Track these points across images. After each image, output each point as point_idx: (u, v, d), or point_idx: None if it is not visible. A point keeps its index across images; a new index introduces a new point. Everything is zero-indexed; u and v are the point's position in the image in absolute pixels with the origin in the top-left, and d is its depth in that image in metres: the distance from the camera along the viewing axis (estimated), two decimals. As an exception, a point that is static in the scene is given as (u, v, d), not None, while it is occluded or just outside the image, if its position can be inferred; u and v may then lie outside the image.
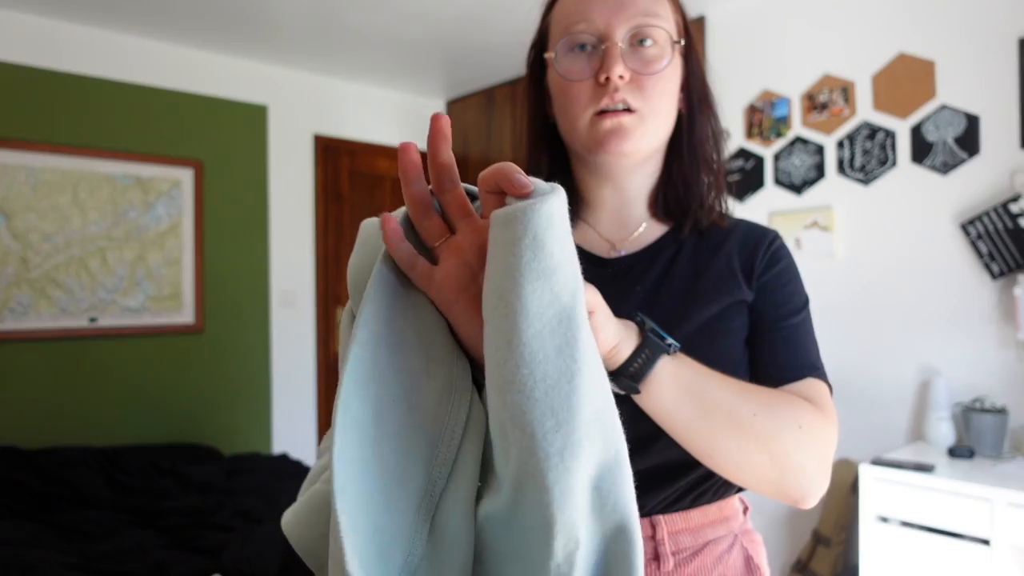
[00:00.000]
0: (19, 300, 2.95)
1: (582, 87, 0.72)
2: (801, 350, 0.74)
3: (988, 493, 1.85)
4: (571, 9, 0.73)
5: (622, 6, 0.71)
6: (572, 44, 0.73)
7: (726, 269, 0.77)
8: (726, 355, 0.73)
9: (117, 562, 2.03)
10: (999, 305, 2.24)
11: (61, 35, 3.07)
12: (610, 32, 0.71)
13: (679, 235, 0.80)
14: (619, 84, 0.71)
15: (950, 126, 2.35)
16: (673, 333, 0.69)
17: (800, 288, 0.78)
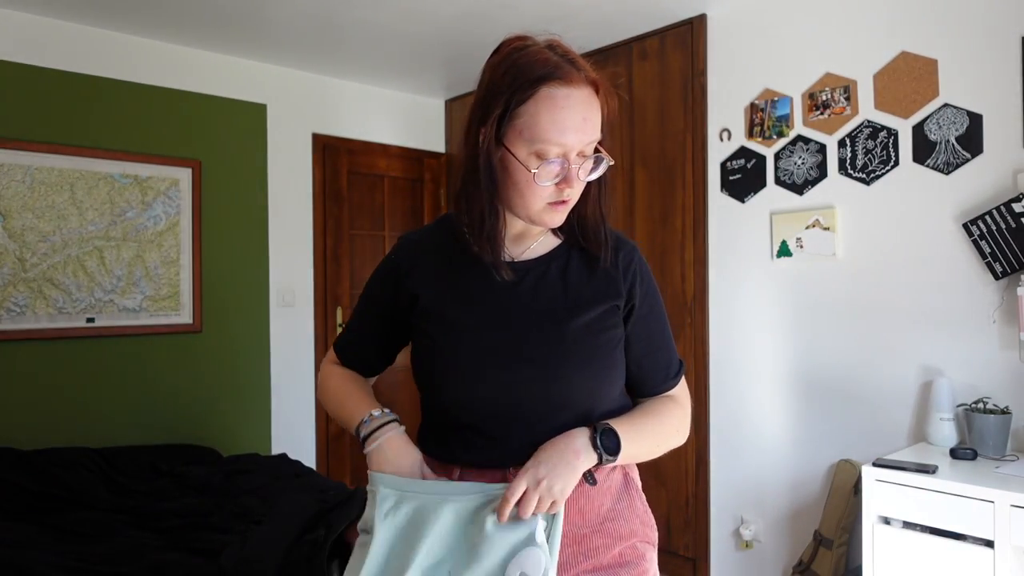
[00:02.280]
0: (16, 300, 2.94)
1: (547, 189, 0.94)
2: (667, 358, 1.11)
3: (991, 494, 1.84)
4: (548, 129, 0.91)
5: (584, 132, 0.93)
6: (544, 156, 0.92)
7: (605, 277, 1.04)
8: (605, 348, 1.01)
9: (115, 564, 2.02)
10: (1002, 305, 2.23)
11: (59, 34, 3.06)
12: (571, 153, 0.93)
13: (568, 247, 1.06)
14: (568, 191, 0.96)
15: (952, 125, 2.34)
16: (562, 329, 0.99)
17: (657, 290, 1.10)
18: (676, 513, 3.13)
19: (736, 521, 2.92)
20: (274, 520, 2.16)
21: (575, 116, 0.91)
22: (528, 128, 0.91)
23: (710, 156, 3.03)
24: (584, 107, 0.92)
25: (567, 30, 3.63)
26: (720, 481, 2.98)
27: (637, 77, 3.31)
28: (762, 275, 2.84)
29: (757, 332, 2.86)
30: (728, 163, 2.96)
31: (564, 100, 0.91)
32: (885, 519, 2.08)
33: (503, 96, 0.92)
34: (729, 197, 2.96)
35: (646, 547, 1.07)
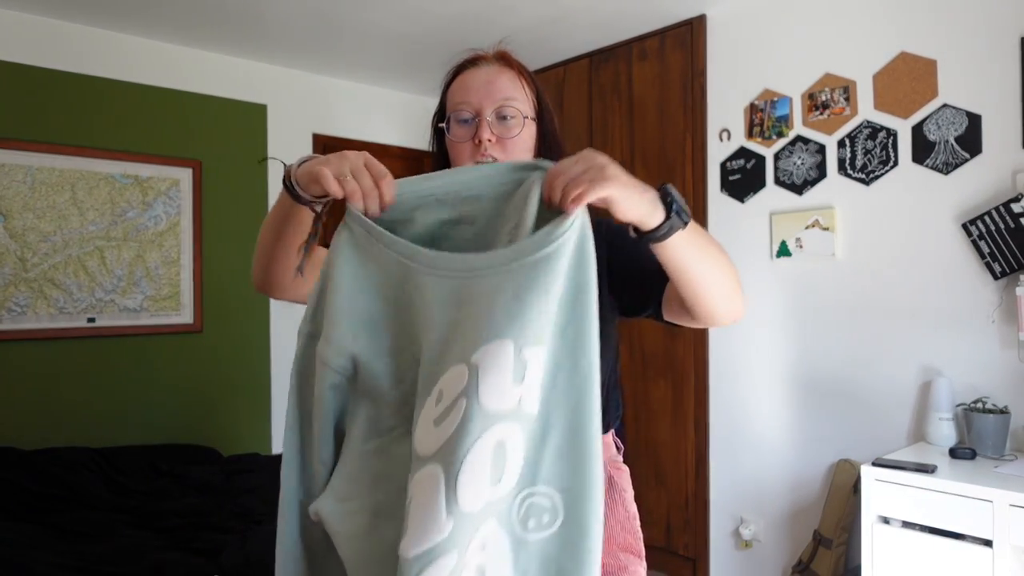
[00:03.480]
0: (17, 300, 2.94)
1: (465, 146, 1.03)
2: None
3: (990, 494, 1.85)
4: (457, 95, 1.05)
5: (490, 92, 1.03)
6: (458, 118, 1.04)
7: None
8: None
9: (115, 563, 2.02)
10: (1001, 305, 2.23)
11: (59, 34, 3.06)
12: (481, 110, 1.02)
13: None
14: (487, 144, 1.01)
15: (951, 125, 2.34)
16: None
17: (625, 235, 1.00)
18: (676, 513, 3.13)
19: (736, 521, 2.93)
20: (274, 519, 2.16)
21: (478, 79, 1.04)
22: (449, 104, 1.07)
23: (710, 156, 3.03)
24: (488, 73, 1.05)
25: (567, 30, 3.65)
26: (720, 481, 2.99)
27: (637, 77, 3.31)
28: (762, 275, 2.84)
29: (757, 332, 2.87)
30: (728, 163, 2.96)
31: (471, 74, 1.06)
32: (884, 519, 2.08)
33: (441, 91, 1.10)
34: (729, 197, 2.96)
35: (629, 558, 1.03)
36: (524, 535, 0.68)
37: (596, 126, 3.47)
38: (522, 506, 0.68)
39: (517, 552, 0.67)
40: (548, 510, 0.68)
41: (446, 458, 0.65)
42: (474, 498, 0.65)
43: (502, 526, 0.67)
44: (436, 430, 0.67)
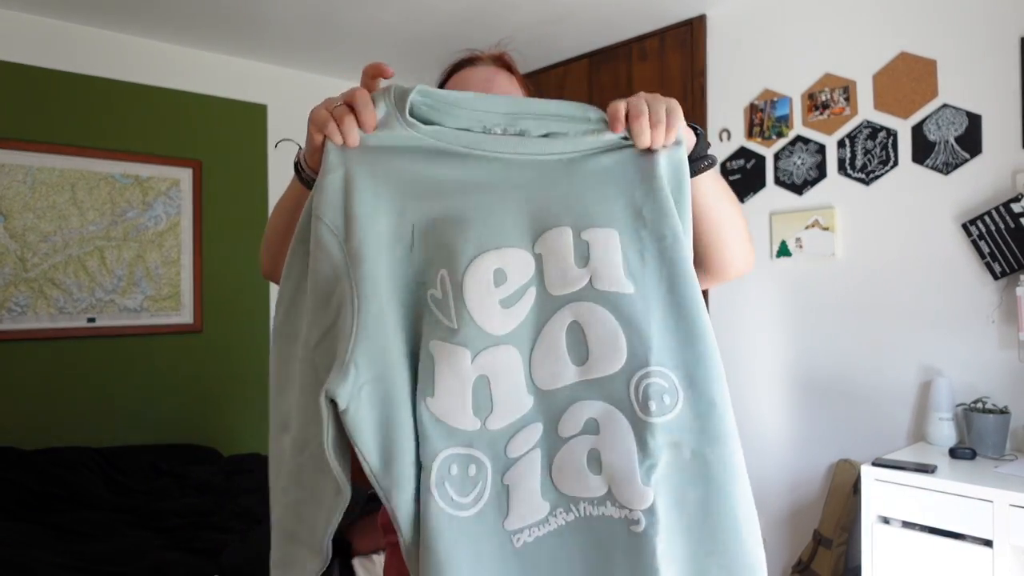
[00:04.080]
0: (17, 300, 2.94)
1: None
2: None
3: (990, 494, 1.85)
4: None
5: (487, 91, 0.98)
6: None
7: None
8: None
9: (115, 563, 2.02)
10: (1001, 305, 2.23)
11: (59, 34, 3.06)
12: None
13: None
14: None
15: (951, 125, 2.34)
16: None
17: None
18: (676, 513, 3.13)
19: (736, 521, 2.93)
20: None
21: (476, 77, 1.02)
22: None
23: (710, 156, 3.03)
24: (486, 72, 1.03)
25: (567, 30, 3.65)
26: (720, 481, 2.98)
27: (637, 77, 3.31)
28: (761, 275, 2.84)
29: (756, 332, 2.87)
30: (728, 163, 2.96)
31: (469, 72, 1.04)
32: (884, 519, 2.08)
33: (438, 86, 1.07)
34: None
35: None
36: (647, 419, 0.66)
37: (596, 126, 3.47)
38: (639, 389, 0.67)
39: (641, 437, 0.66)
40: (668, 391, 0.67)
41: (520, 340, 0.68)
42: (551, 377, 0.68)
43: (620, 410, 0.67)
44: (506, 311, 0.68)
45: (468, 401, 0.67)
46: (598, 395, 0.68)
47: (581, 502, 0.67)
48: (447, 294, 0.68)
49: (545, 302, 0.69)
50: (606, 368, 0.68)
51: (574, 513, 0.67)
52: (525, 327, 0.69)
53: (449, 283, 0.68)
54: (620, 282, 0.68)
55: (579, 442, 0.67)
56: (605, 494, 0.67)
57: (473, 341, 0.68)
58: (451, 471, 0.67)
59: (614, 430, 0.67)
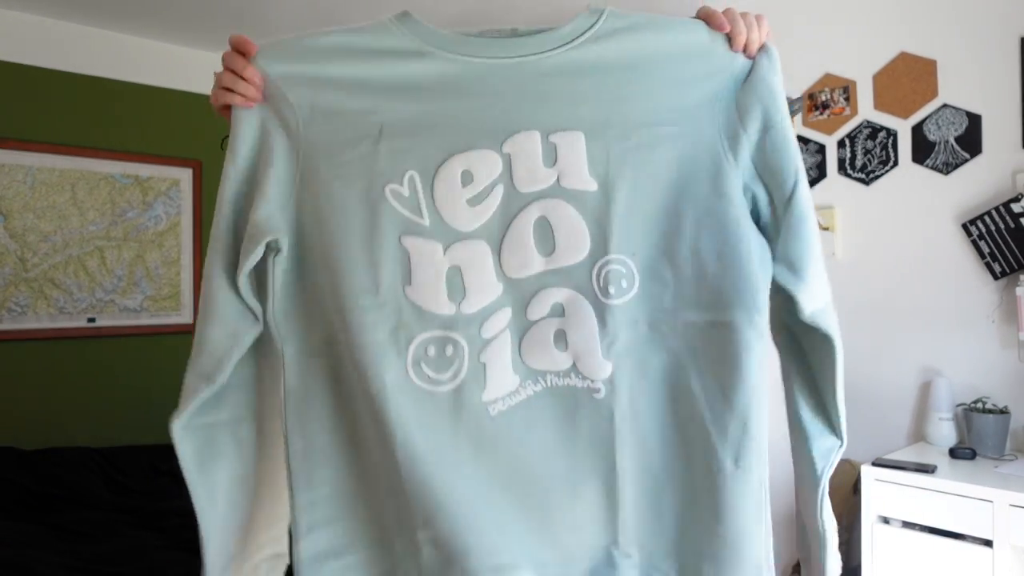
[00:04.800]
0: (17, 300, 2.94)
1: None
2: None
3: (990, 494, 1.85)
4: None
5: None
6: None
7: None
8: None
9: (115, 563, 2.02)
10: (1001, 305, 2.23)
11: (59, 34, 3.06)
12: None
13: None
14: None
15: (951, 125, 2.34)
16: None
17: None
18: (676, 513, 3.13)
19: (736, 521, 2.93)
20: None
21: None
22: None
23: (710, 156, 3.03)
24: None
25: (567, 30, 3.61)
26: (720, 481, 2.98)
27: (637, 77, 3.31)
28: (762, 275, 2.84)
29: (757, 332, 2.86)
30: (728, 163, 2.97)
31: None
32: (884, 519, 2.08)
33: None
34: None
35: None
36: (607, 302, 0.74)
37: (596, 126, 3.47)
38: (600, 276, 0.74)
39: (603, 318, 0.74)
40: (625, 276, 0.75)
41: (489, 233, 0.75)
42: (520, 266, 0.75)
43: (583, 295, 0.75)
44: (473, 209, 0.75)
45: (443, 288, 0.74)
46: (563, 282, 0.75)
47: (548, 375, 0.75)
48: (415, 192, 0.75)
49: (513, 199, 0.75)
50: (571, 258, 0.75)
51: (541, 384, 0.75)
52: (493, 222, 0.75)
53: (419, 183, 0.75)
54: (585, 180, 0.74)
55: (546, 323, 0.75)
56: (570, 367, 0.75)
57: (444, 236, 0.75)
58: (428, 352, 0.74)
59: (578, 312, 0.74)
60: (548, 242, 0.75)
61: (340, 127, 0.77)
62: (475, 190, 0.75)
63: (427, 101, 0.77)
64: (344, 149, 0.77)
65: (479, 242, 0.75)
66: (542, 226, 0.75)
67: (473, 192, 0.75)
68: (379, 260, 0.75)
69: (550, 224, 0.75)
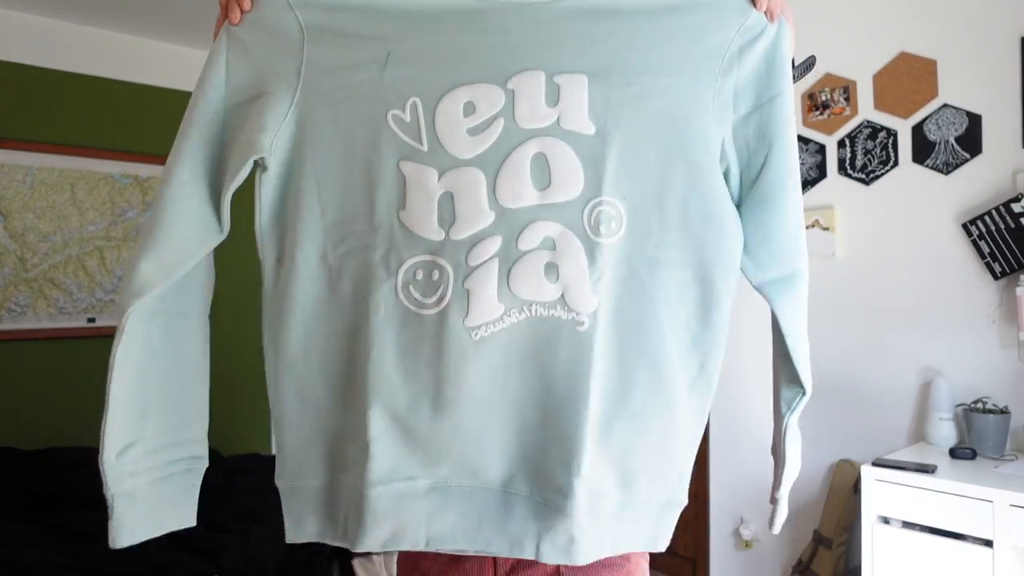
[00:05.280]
0: (16, 300, 2.94)
1: None
2: None
3: (990, 494, 1.85)
4: None
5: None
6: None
7: None
8: None
9: (115, 563, 2.02)
10: (1001, 305, 2.23)
11: (59, 34, 3.06)
12: None
13: None
14: None
15: (952, 125, 2.34)
16: None
17: None
18: (676, 513, 3.14)
19: (736, 521, 2.93)
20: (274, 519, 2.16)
21: None
22: None
23: (710, 156, 3.03)
24: None
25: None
26: (720, 481, 2.99)
27: (637, 77, 3.31)
28: (762, 275, 2.84)
29: (757, 331, 2.86)
30: (728, 163, 2.97)
31: None
32: (884, 519, 2.08)
33: None
34: (729, 197, 2.96)
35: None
36: (597, 240, 0.77)
37: (596, 126, 3.47)
38: (591, 215, 0.77)
39: (592, 254, 0.76)
40: (614, 218, 0.77)
41: (485, 163, 0.76)
42: (514, 197, 0.76)
43: (573, 232, 0.77)
44: (472, 139, 0.76)
45: (433, 213, 0.76)
46: (555, 217, 0.77)
47: (533, 305, 0.77)
48: (417, 119, 0.77)
49: (513, 132, 0.77)
50: (564, 195, 0.77)
51: (525, 313, 0.77)
52: (491, 152, 0.77)
53: (421, 110, 0.77)
54: (584, 124, 0.77)
55: (537, 255, 0.76)
56: (558, 299, 0.77)
57: (440, 162, 0.76)
58: (416, 276, 0.77)
59: (569, 247, 0.77)
60: (544, 177, 0.77)
61: (348, 50, 0.78)
62: (476, 121, 0.76)
63: (438, 33, 0.79)
64: (349, 72, 0.78)
65: (474, 170, 0.76)
66: (539, 161, 0.77)
67: (474, 123, 0.76)
68: (376, 183, 0.77)
69: (547, 160, 0.77)
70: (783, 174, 0.84)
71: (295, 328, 0.83)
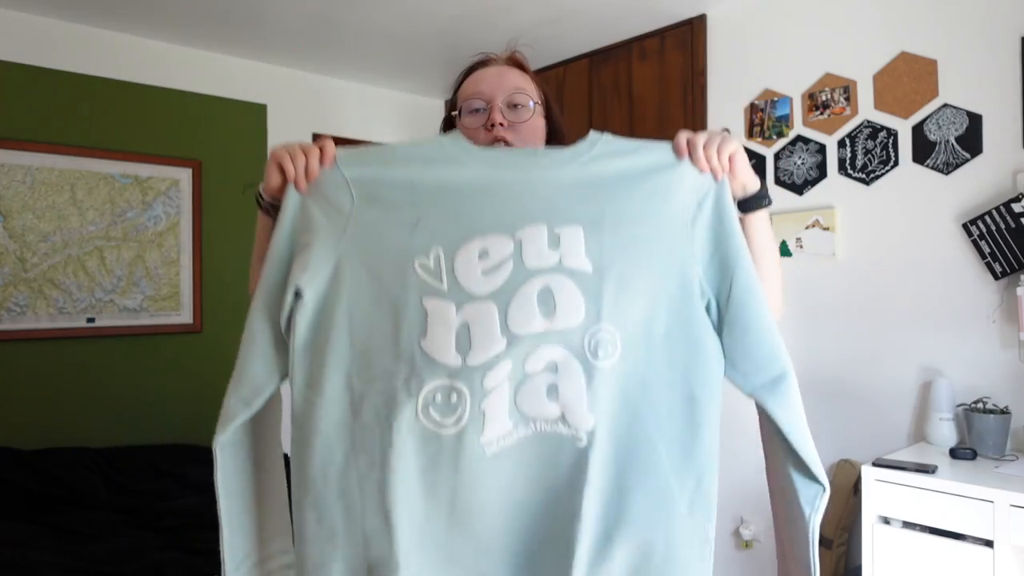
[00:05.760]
0: (16, 300, 2.94)
1: (477, 132, 1.08)
2: None
3: (991, 494, 1.84)
4: (469, 89, 1.12)
5: (501, 84, 1.10)
6: (469, 108, 1.10)
7: None
8: None
9: (115, 564, 2.02)
10: (1001, 305, 2.23)
11: (59, 34, 3.06)
12: (493, 98, 1.09)
13: None
14: (499, 129, 1.07)
15: (952, 125, 2.34)
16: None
17: None
18: (676, 513, 3.13)
19: (736, 521, 2.93)
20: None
21: (489, 73, 1.12)
22: (461, 96, 1.13)
23: (710, 156, 3.03)
24: (499, 69, 1.13)
25: (567, 31, 3.65)
26: (720, 481, 2.97)
27: (637, 77, 3.31)
28: (762, 275, 2.84)
29: (757, 332, 2.86)
30: (728, 163, 2.96)
31: (481, 72, 1.13)
32: (885, 519, 2.08)
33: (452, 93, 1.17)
34: (729, 197, 2.96)
35: None
36: (595, 363, 0.87)
37: (596, 126, 3.47)
38: (591, 340, 0.87)
39: (590, 376, 0.87)
40: (611, 343, 0.87)
41: (499, 297, 0.88)
42: (524, 324, 0.87)
43: (575, 355, 0.87)
44: (486, 278, 0.88)
45: (452, 342, 0.86)
46: (559, 343, 0.87)
47: (538, 421, 0.86)
48: (439, 264, 0.89)
49: (521, 272, 0.88)
50: (568, 323, 0.87)
51: (532, 428, 0.87)
52: (503, 289, 0.88)
53: (443, 256, 0.89)
54: (583, 262, 0.89)
55: (542, 377, 0.87)
56: (559, 416, 0.86)
57: (459, 298, 0.88)
58: (436, 398, 0.86)
59: (570, 370, 0.87)
60: (550, 306, 0.87)
61: (387, 214, 0.92)
62: (489, 264, 0.89)
63: (460, 201, 0.93)
64: (385, 230, 0.92)
65: (489, 303, 0.88)
66: (545, 294, 0.88)
67: (488, 266, 0.89)
68: (401, 317, 0.88)
69: (552, 293, 0.88)
70: (747, 296, 0.93)
71: (317, 449, 0.90)
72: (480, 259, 0.89)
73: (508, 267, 0.89)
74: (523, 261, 0.89)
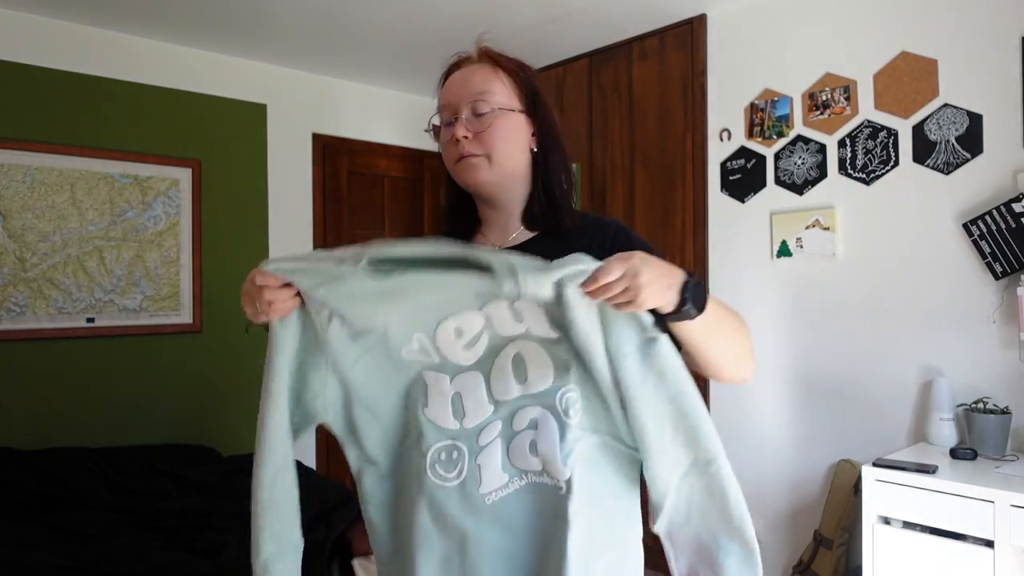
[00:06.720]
0: (16, 300, 2.94)
1: (449, 146, 1.10)
2: None
3: (991, 494, 1.84)
4: (440, 99, 1.13)
5: (464, 91, 1.09)
6: (441, 122, 1.12)
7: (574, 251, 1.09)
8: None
9: (115, 564, 2.02)
10: (1002, 305, 2.23)
11: (59, 34, 3.06)
12: (458, 110, 1.08)
13: (544, 238, 1.14)
14: (464, 143, 1.07)
15: (952, 125, 2.34)
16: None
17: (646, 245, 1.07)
18: (676, 513, 3.13)
19: (736, 521, 2.92)
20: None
21: (455, 81, 1.11)
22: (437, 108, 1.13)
23: (710, 156, 3.03)
24: (464, 73, 1.10)
25: (567, 30, 3.64)
26: (720, 481, 2.98)
27: (637, 77, 3.31)
28: (762, 275, 2.84)
29: (757, 332, 2.86)
30: (728, 163, 2.96)
31: (453, 76, 1.12)
32: (885, 519, 2.08)
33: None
34: (729, 197, 2.96)
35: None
36: (567, 420, 0.96)
37: (596, 126, 3.47)
38: (562, 400, 0.97)
39: (564, 432, 0.96)
40: (577, 401, 0.96)
41: (483, 365, 1.00)
42: (504, 393, 0.99)
43: (551, 414, 0.97)
44: (468, 351, 0.99)
45: (449, 409, 1.00)
46: (537, 403, 0.98)
47: (528, 473, 0.98)
48: (424, 345, 1.00)
49: (497, 340, 0.99)
50: (540, 386, 0.98)
51: (525, 480, 0.99)
52: (484, 358, 1.00)
53: (425, 339, 1.00)
54: (548, 331, 0.96)
55: (525, 434, 0.98)
56: (542, 469, 0.98)
57: (449, 369, 1.01)
58: (440, 456, 1.00)
59: (546, 427, 0.97)
60: (523, 374, 0.98)
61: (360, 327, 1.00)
62: (467, 339, 0.99)
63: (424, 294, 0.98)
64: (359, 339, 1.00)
65: (475, 373, 1.00)
66: (517, 361, 0.98)
67: (465, 340, 0.99)
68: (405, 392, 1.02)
69: (524, 360, 0.98)
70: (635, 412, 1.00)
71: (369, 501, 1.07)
72: (457, 337, 0.99)
73: (484, 338, 0.99)
74: (496, 330, 0.98)
